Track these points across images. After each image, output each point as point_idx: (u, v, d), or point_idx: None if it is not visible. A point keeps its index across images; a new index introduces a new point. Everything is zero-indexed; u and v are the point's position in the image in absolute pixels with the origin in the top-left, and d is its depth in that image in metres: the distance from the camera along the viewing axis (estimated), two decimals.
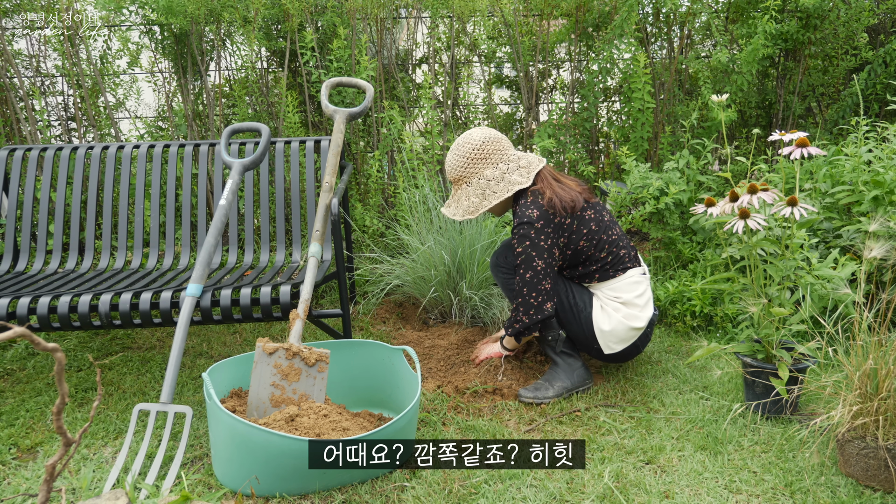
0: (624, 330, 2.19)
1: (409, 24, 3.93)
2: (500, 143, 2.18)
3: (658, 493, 1.69)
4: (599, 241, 2.17)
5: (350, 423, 1.82)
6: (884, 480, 1.66)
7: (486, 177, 2.15)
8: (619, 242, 2.23)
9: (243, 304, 2.10)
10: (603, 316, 2.19)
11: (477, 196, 2.16)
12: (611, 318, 2.18)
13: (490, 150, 2.15)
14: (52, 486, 1.10)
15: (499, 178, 2.15)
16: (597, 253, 2.18)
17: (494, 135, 2.18)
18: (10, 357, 2.65)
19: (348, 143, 3.54)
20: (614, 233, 2.23)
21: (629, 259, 2.24)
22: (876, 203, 2.47)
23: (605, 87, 3.87)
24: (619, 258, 2.21)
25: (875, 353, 1.67)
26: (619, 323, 2.18)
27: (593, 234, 2.17)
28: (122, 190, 2.69)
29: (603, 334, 2.19)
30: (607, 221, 2.23)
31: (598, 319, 2.19)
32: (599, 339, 2.20)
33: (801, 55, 3.72)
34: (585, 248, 2.16)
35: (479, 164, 2.15)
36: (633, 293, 2.21)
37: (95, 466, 1.86)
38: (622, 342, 2.21)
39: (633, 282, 2.22)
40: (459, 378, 2.35)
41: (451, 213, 2.21)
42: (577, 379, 2.25)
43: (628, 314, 2.19)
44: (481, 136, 2.16)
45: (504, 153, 2.17)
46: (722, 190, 3.25)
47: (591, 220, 2.18)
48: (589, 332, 2.20)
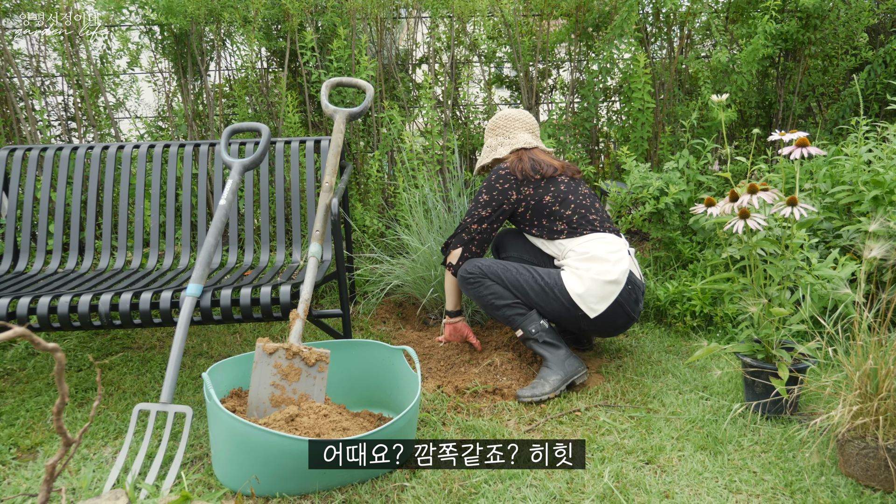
0: (599, 287, 2.21)
1: (409, 24, 3.93)
2: (513, 124, 2.52)
3: (658, 493, 1.69)
4: (566, 199, 2.37)
5: (350, 423, 1.82)
6: (884, 480, 1.66)
7: (489, 144, 2.56)
8: (590, 209, 2.38)
9: (243, 304, 2.10)
10: (574, 279, 2.24)
11: (484, 153, 2.57)
12: (582, 278, 2.23)
13: (500, 125, 2.54)
14: (52, 486, 1.10)
15: (493, 147, 2.52)
16: (562, 209, 2.35)
17: (515, 115, 2.53)
18: (10, 357, 2.65)
19: (348, 143, 3.54)
20: (586, 200, 2.40)
21: (600, 224, 2.35)
22: (876, 203, 2.47)
23: (605, 87, 3.87)
24: (587, 220, 2.35)
25: (875, 353, 1.67)
26: (592, 281, 2.22)
27: (559, 193, 2.37)
28: (122, 190, 2.69)
29: (580, 298, 2.23)
30: (581, 191, 2.42)
31: (570, 285, 2.24)
32: (579, 303, 2.23)
33: (801, 55, 3.72)
34: (550, 202, 2.36)
35: (490, 133, 2.57)
36: (602, 249, 2.26)
37: (95, 466, 1.86)
38: (602, 300, 2.23)
39: (606, 241, 2.30)
40: (459, 378, 2.35)
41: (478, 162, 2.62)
42: (570, 368, 2.26)
43: (600, 270, 2.23)
44: (506, 113, 2.55)
45: (509, 131, 2.51)
46: (722, 190, 3.25)
47: (562, 183, 2.40)
48: (568, 301, 2.24)
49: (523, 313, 2.29)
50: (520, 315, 2.29)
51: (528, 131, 2.52)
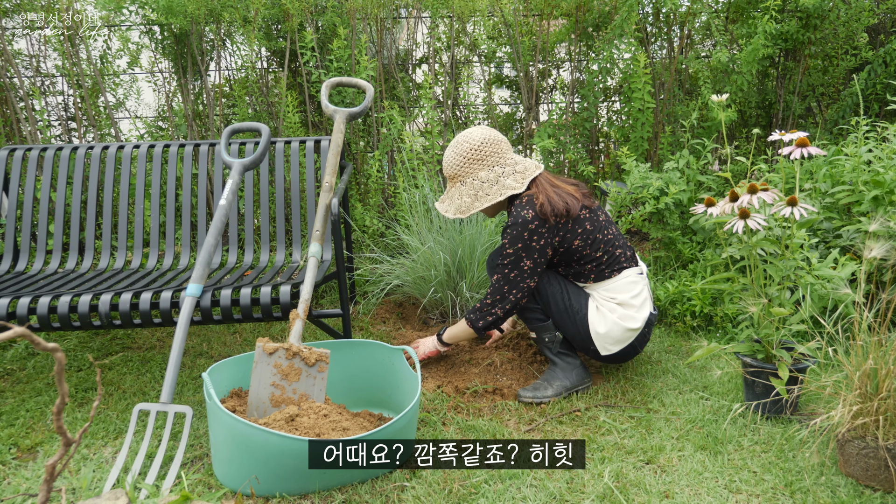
0: (620, 331, 2.18)
1: (409, 24, 3.93)
2: (499, 145, 2.16)
3: (658, 493, 1.69)
4: (595, 240, 2.16)
5: (350, 423, 1.82)
6: (884, 480, 1.66)
7: (480, 178, 2.14)
8: (616, 242, 2.22)
9: (243, 304, 2.10)
10: (598, 317, 2.19)
11: (469, 196, 2.15)
12: (606, 319, 2.18)
13: (487, 152, 2.13)
14: (52, 486, 1.10)
15: (493, 180, 2.13)
16: (592, 252, 2.16)
17: (494, 136, 2.16)
18: (10, 357, 2.65)
19: (348, 143, 3.54)
20: (610, 232, 2.22)
21: (625, 259, 2.23)
22: (876, 203, 2.47)
23: (605, 87, 3.87)
24: (614, 258, 2.20)
25: (875, 353, 1.67)
26: (615, 324, 2.17)
27: (588, 233, 2.15)
28: (122, 190, 2.69)
29: (599, 336, 2.19)
30: (603, 221, 2.22)
31: (593, 321, 2.19)
32: (595, 341, 2.20)
33: (801, 55, 3.72)
34: (580, 246, 2.15)
35: (475, 164, 2.14)
36: (629, 293, 2.19)
37: (95, 466, 1.86)
38: (618, 343, 2.20)
39: (630, 282, 2.21)
40: (459, 378, 2.35)
41: (443, 209, 2.22)
42: (576, 378, 2.25)
43: (624, 315, 2.18)
44: (481, 136, 2.14)
45: (501, 156, 2.15)
46: (722, 190, 3.25)
47: (587, 220, 2.16)
48: (585, 333, 2.20)
49: (542, 319, 2.26)
50: (538, 320, 2.26)
51: (511, 148, 2.22)
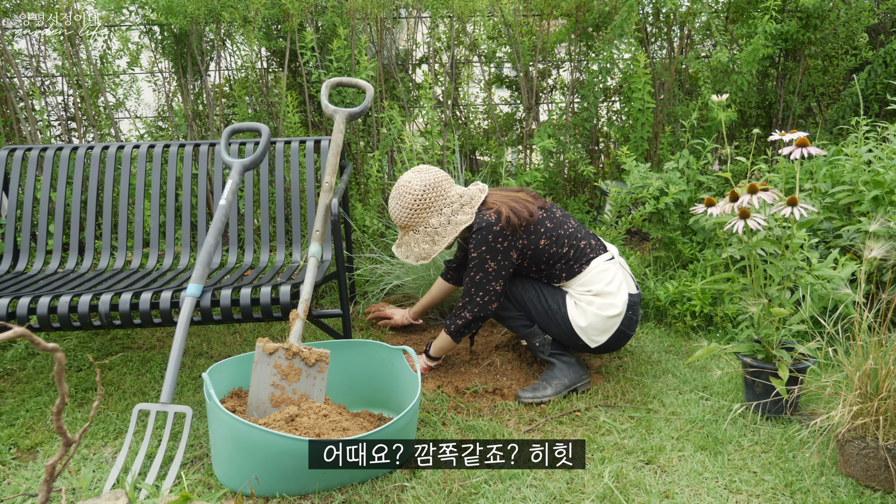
0: (601, 321, 2.19)
1: (409, 24, 3.94)
2: (440, 186, 2.16)
3: (658, 493, 1.69)
4: (558, 236, 2.20)
5: (350, 423, 1.82)
6: (884, 480, 1.66)
7: (432, 225, 2.16)
8: (577, 234, 2.25)
9: (243, 304, 2.10)
10: (578, 312, 2.21)
11: (427, 243, 2.17)
12: (585, 312, 2.19)
13: (431, 198, 2.15)
14: (52, 486, 1.10)
15: (444, 223, 2.15)
16: (559, 249, 2.20)
17: (433, 179, 2.16)
18: (10, 357, 2.65)
19: (348, 143, 3.54)
20: (570, 226, 2.26)
21: (591, 249, 2.25)
22: (876, 203, 2.47)
23: (605, 87, 3.87)
24: (580, 250, 2.23)
25: (875, 353, 1.67)
26: (595, 316, 2.19)
27: (550, 231, 2.19)
28: (122, 190, 2.69)
29: (582, 330, 2.21)
30: (560, 217, 2.26)
31: (574, 317, 2.21)
32: (581, 335, 2.21)
33: (801, 55, 3.72)
34: (546, 245, 2.19)
35: (423, 213, 2.15)
36: (602, 282, 2.20)
37: (95, 466, 1.86)
38: (604, 333, 2.22)
39: (600, 271, 2.22)
40: (459, 378, 2.35)
41: (403, 256, 2.22)
42: (574, 375, 2.25)
43: (602, 304, 2.19)
44: (421, 184, 2.14)
45: (446, 196, 2.17)
46: (722, 190, 3.25)
47: (546, 219, 2.21)
48: (569, 331, 2.22)
49: (527, 325, 2.27)
50: (524, 327, 2.27)
51: (452, 182, 2.21)
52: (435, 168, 2.21)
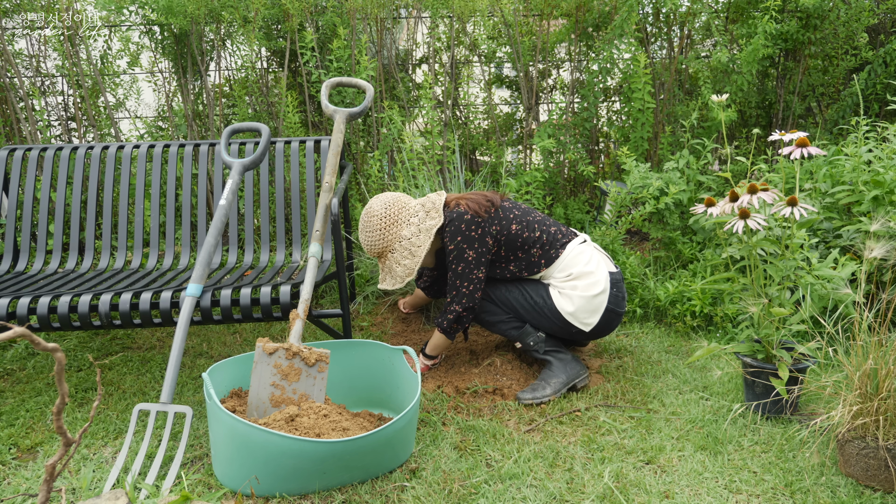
0: (587, 301, 2.22)
1: (409, 24, 3.94)
2: (399, 201, 2.24)
3: (658, 493, 1.69)
4: (528, 222, 2.28)
5: (350, 423, 1.82)
6: (884, 480, 1.66)
7: (405, 237, 2.21)
8: (546, 221, 2.33)
9: (243, 304, 2.10)
10: (563, 299, 2.24)
11: (406, 258, 2.21)
12: (571, 297, 2.23)
13: (395, 212, 2.21)
14: (52, 486, 1.10)
15: (416, 231, 2.21)
16: (531, 234, 2.26)
17: (390, 198, 2.24)
18: (10, 357, 2.65)
19: (348, 143, 3.54)
20: (537, 214, 2.33)
21: (563, 235, 2.31)
22: (876, 203, 2.47)
23: (605, 87, 3.87)
24: (552, 235, 2.29)
25: (875, 353, 1.67)
26: (581, 298, 2.22)
27: (519, 217, 2.28)
28: (122, 190, 2.69)
29: (571, 316, 2.23)
30: (525, 208, 2.34)
31: (561, 305, 2.24)
32: (571, 321, 2.24)
33: (801, 55, 3.72)
34: (518, 230, 2.25)
35: (392, 228, 2.21)
36: (581, 263, 2.25)
37: (95, 466, 1.86)
38: (593, 313, 2.24)
39: (577, 253, 2.28)
40: (459, 378, 2.35)
41: (390, 284, 2.25)
42: (572, 371, 2.26)
43: (585, 285, 2.23)
44: (381, 205, 2.22)
45: (407, 208, 2.23)
46: (722, 190, 3.25)
47: (513, 207, 2.30)
48: (559, 320, 2.24)
49: (518, 327, 2.29)
50: (515, 329, 2.29)
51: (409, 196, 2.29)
52: (391, 193, 2.27)
